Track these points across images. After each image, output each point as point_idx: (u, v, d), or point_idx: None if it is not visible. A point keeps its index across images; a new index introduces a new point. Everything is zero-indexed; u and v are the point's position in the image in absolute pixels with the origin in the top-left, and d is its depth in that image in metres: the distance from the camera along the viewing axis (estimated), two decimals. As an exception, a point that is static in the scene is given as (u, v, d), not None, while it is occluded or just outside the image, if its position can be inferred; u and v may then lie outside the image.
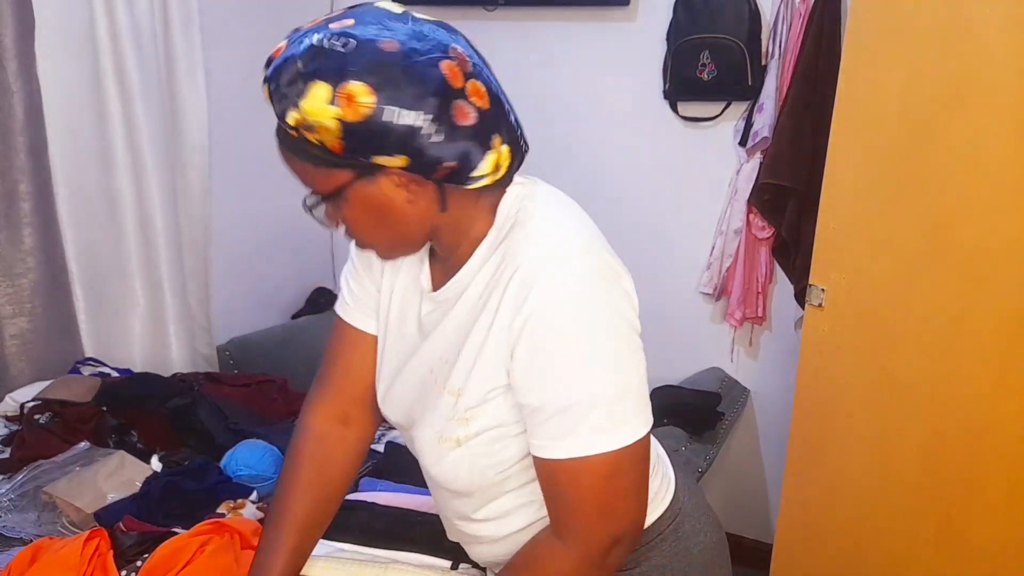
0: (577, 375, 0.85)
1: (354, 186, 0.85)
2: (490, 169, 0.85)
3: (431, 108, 0.78)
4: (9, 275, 2.17)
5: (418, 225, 0.90)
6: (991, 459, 1.75)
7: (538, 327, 0.84)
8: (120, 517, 1.49)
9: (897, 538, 1.92)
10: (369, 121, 0.78)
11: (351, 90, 0.77)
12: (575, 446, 0.85)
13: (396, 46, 0.79)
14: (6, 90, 2.09)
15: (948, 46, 1.68)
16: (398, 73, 0.78)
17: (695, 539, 1.08)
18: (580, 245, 0.88)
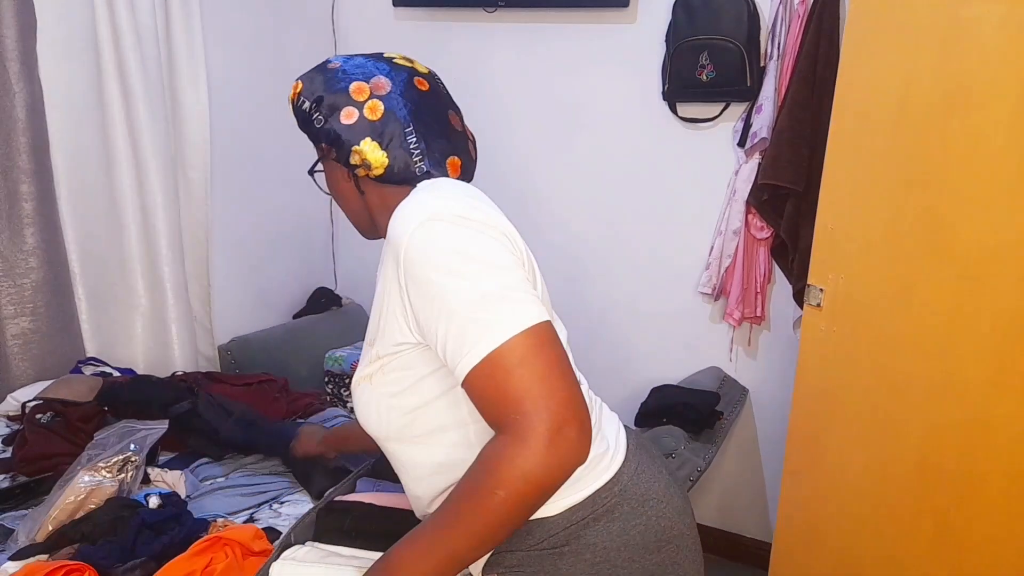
0: (451, 293, 0.95)
1: (323, 160, 1.20)
2: (358, 160, 1.10)
3: (319, 102, 1.11)
4: (11, 275, 2.17)
5: (356, 203, 1.19)
6: (988, 458, 1.76)
7: (410, 269, 0.98)
8: (100, 559, 1.42)
9: (895, 537, 1.92)
10: (294, 104, 1.15)
11: (296, 84, 1.16)
12: (475, 350, 0.93)
13: (337, 66, 1.14)
14: (8, 90, 2.10)
15: (946, 47, 1.69)
16: (319, 77, 1.13)
17: (633, 521, 1.08)
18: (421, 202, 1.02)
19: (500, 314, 0.94)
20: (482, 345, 0.93)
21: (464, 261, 0.96)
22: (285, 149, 3.03)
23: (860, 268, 1.88)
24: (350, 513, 1.35)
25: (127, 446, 1.70)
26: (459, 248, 0.97)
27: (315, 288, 3.30)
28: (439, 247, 0.97)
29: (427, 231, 0.97)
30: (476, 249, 0.97)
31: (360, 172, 1.12)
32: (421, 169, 1.11)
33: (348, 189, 1.18)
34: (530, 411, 0.91)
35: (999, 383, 1.72)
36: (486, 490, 0.92)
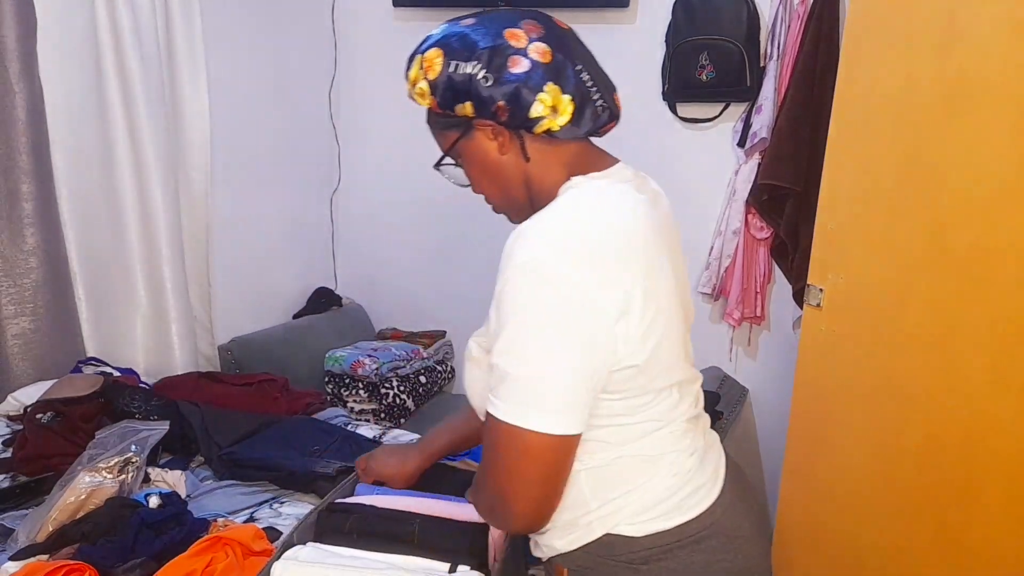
0: (499, 344, 0.95)
1: (461, 143, 1.07)
2: (546, 111, 1.00)
3: (482, 58, 0.99)
4: (11, 275, 2.17)
5: (515, 176, 1.07)
6: (989, 459, 1.76)
7: (496, 295, 0.96)
8: (100, 558, 1.42)
9: (895, 537, 1.92)
10: (440, 76, 1.01)
11: (429, 54, 1.03)
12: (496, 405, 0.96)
13: (471, 22, 1.03)
14: (8, 90, 2.10)
15: (946, 48, 1.69)
16: (460, 40, 1.01)
17: (718, 556, 1.07)
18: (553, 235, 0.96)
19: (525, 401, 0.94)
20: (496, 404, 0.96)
21: (538, 329, 0.93)
22: (286, 149, 3.05)
23: (860, 268, 1.88)
24: (351, 514, 1.35)
25: (128, 446, 1.70)
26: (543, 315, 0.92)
27: (315, 288, 3.30)
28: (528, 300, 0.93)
29: (529, 275, 0.93)
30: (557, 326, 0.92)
31: (542, 126, 1.01)
32: (602, 107, 1.05)
33: (508, 163, 1.06)
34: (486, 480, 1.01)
35: (999, 383, 1.72)
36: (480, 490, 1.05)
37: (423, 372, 3.03)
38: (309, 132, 3.18)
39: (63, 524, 1.51)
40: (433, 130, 1.11)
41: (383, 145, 3.23)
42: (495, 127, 1.04)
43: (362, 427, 2.17)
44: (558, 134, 1.03)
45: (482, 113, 1.02)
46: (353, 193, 3.33)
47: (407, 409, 2.91)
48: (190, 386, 2.25)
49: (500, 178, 1.08)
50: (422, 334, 3.24)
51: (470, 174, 1.11)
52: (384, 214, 3.30)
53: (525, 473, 0.96)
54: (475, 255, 3.16)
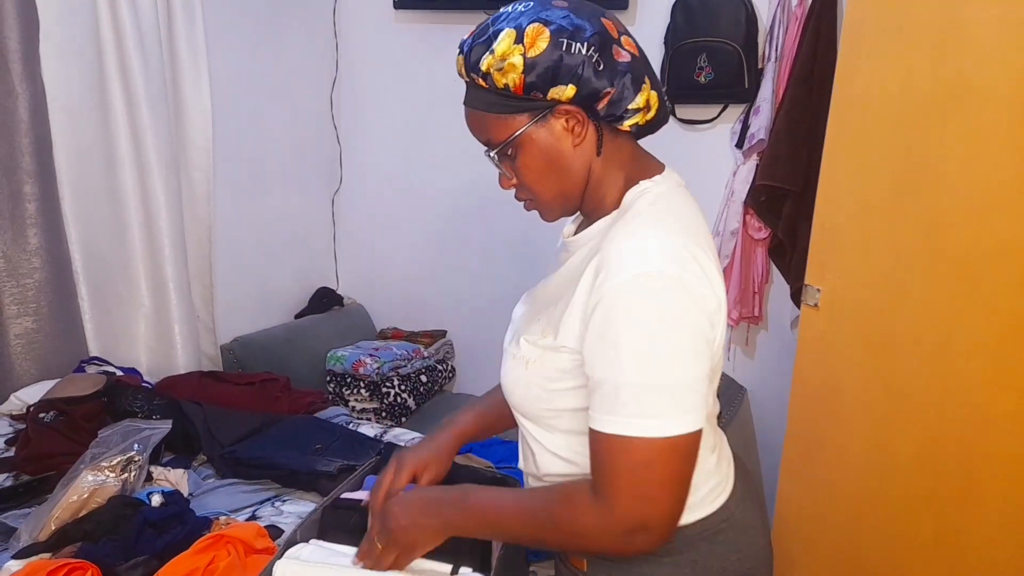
0: (627, 360, 0.92)
1: (530, 130, 1.00)
2: (642, 103, 1.00)
3: (595, 43, 0.96)
4: (15, 275, 2.19)
5: (580, 170, 1.03)
6: (986, 458, 1.77)
7: (605, 309, 0.93)
8: (102, 557, 1.42)
9: (893, 537, 1.93)
10: (545, 54, 0.95)
11: (531, 30, 0.95)
12: (615, 423, 0.93)
13: (564, 4, 0.99)
14: (11, 92, 2.11)
15: (943, 49, 1.69)
16: (567, 19, 0.96)
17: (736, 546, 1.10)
18: (658, 245, 0.95)
19: (659, 409, 0.92)
20: (626, 424, 0.93)
21: (659, 338, 0.92)
22: (288, 149, 3.06)
23: (857, 268, 1.88)
24: (356, 511, 1.36)
25: (130, 445, 1.71)
26: (664, 323, 0.92)
27: (317, 288, 3.31)
28: (649, 311, 0.92)
29: (644, 287, 0.92)
30: (677, 331, 0.93)
31: (633, 120, 1.00)
32: (666, 104, 1.05)
33: (578, 156, 1.02)
34: (627, 507, 0.94)
35: (997, 383, 1.73)
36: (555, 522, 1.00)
37: (424, 371, 3.04)
38: (311, 133, 3.19)
39: (65, 523, 1.52)
40: (489, 111, 1.01)
41: (385, 146, 3.24)
42: (580, 116, 1.00)
43: (363, 426, 2.19)
44: (642, 129, 1.03)
45: (582, 99, 0.98)
46: (355, 193, 3.34)
47: (408, 408, 2.92)
48: (192, 385, 2.26)
49: (564, 171, 1.03)
50: (423, 334, 3.26)
51: (526, 164, 1.03)
52: (385, 214, 3.31)
53: (680, 477, 0.94)
54: (476, 255, 3.17)
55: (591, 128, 1.01)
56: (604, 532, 0.96)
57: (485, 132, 1.03)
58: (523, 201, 1.10)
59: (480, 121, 1.03)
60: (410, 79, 3.13)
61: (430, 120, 3.12)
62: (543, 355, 1.04)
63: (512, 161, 1.04)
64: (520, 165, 1.03)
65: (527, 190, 1.06)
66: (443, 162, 3.13)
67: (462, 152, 3.04)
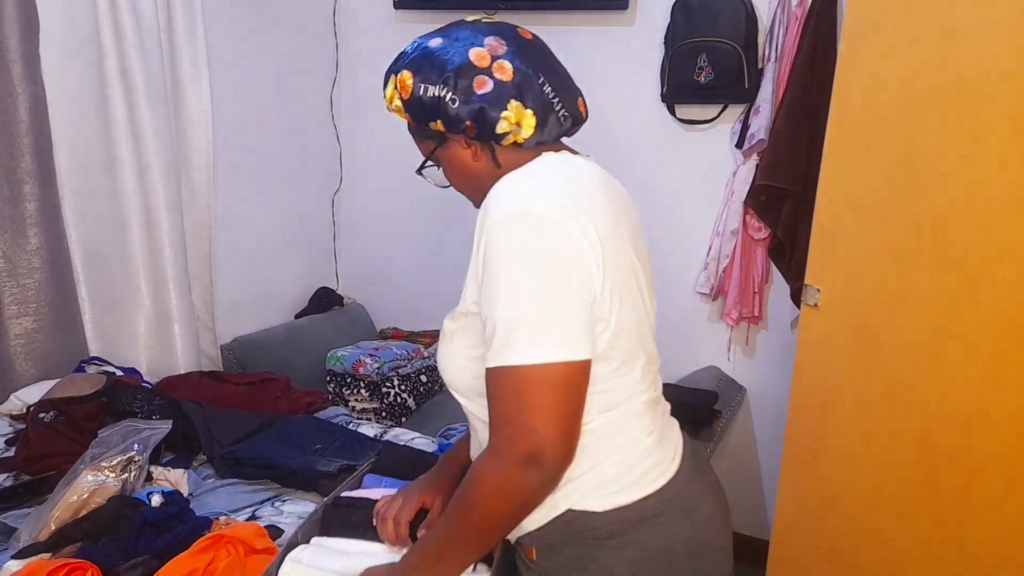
0: (497, 295, 0.99)
1: (439, 151, 1.16)
2: (510, 127, 1.08)
3: (449, 81, 1.07)
4: (15, 275, 2.19)
5: (488, 179, 1.11)
6: (986, 458, 1.77)
7: (483, 251, 1.02)
8: (102, 557, 1.42)
9: (892, 535, 1.93)
10: (413, 97, 1.10)
11: (402, 77, 1.11)
12: (490, 358, 0.99)
13: (439, 43, 1.10)
14: (11, 92, 2.11)
15: (943, 49, 1.69)
16: (429, 61, 1.09)
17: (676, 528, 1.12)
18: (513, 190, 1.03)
19: (527, 339, 0.97)
20: (505, 354, 0.98)
21: (531, 268, 0.98)
22: (288, 149, 3.06)
23: (857, 268, 1.89)
24: (358, 508, 1.37)
25: (130, 445, 1.71)
26: (533, 255, 0.98)
27: (317, 288, 3.31)
28: (518, 245, 0.99)
29: (515, 223, 1.00)
30: (548, 262, 0.99)
31: (508, 140, 1.10)
32: (564, 116, 1.11)
33: (481, 167, 1.15)
34: (510, 440, 0.98)
35: (996, 383, 1.73)
36: (469, 502, 1.04)
37: (424, 371, 3.04)
38: (311, 133, 3.19)
39: (65, 523, 1.52)
40: (414, 139, 1.20)
41: (385, 145, 3.24)
42: (464, 141, 1.13)
43: (363, 426, 2.19)
44: (524, 145, 1.11)
45: (452, 129, 1.10)
46: (355, 193, 3.34)
47: (408, 408, 2.92)
48: (192, 385, 2.26)
49: (476, 181, 1.16)
50: (423, 333, 3.25)
51: (448, 175, 1.20)
52: (386, 214, 3.31)
53: (557, 405, 0.97)
54: (475, 255, 3.17)
55: (480, 147, 1.13)
56: (500, 477, 0.99)
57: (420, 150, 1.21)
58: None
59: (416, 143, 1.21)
60: (410, 79, 3.12)
61: (430, 120, 3.11)
62: (461, 327, 1.10)
63: (421, 171, 1.23)
64: (446, 175, 1.20)
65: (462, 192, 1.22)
66: (443, 162, 3.12)
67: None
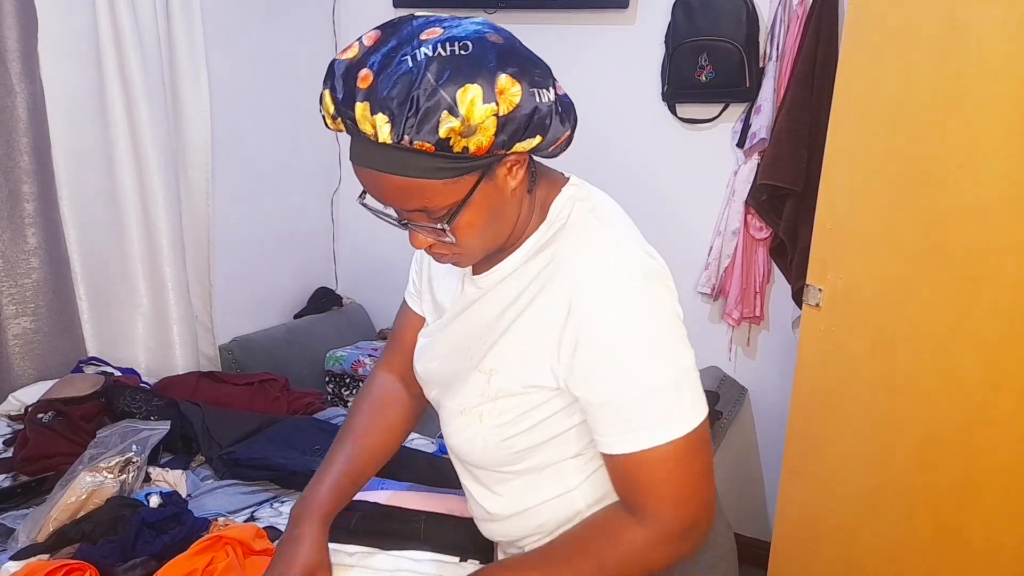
0: (637, 371, 0.90)
1: (481, 186, 0.86)
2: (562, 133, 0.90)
3: (554, 84, 0.86)
4: (12, 275, 2.18)
5: (515, 212, 0.94)
6: (987, 458, 1.77)
7: (595, 330, 0.89)
8: (101, 558, 1.41)
9: (894, 536, 1.93)
10: (519, 108, 0.81)
11: (501, 84, 0.79)
12: (643, 439, 0.90)
13: (499, 39, 0.83)
14: (9, 91, 2.10)
15: (945, 48, 1.69)
16: (523, 60, 0.83)
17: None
18: (626, 250, 0.93)
19: (674, 409, 0.91)
20: (651, 435, 0.90)
21: (653, 340, 0.91)
22: (286, 149, 3.05)
23: (859, 268, 1.88)
24: (356, 511, 1.36)
25: (129, 446, 1.71)
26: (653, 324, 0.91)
27: (316, 288, 3.31)
28: (636, 318, 0.90)
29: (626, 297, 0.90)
30: (665, 327, 0.92)
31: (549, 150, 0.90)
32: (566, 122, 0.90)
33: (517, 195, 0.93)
34: (674, 512, 0.93)
35: (997, 383, 1.73)
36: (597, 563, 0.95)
37: (423, 372, 3.03)
38: (310, 132, 3.17)
39: (64, 524, 1.51)
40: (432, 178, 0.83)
41: (383, 145, 3.23)
42: (523, 159, 0.90)
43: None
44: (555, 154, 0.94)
45: (543, 146, 0.87)
46: (354, 193, 3.30)
47: (407, 409, 2.91)
48: (191, 386, 2.26)
49: (503, 219, 0.93)
50: (422, 334, 3.25)
51: (469, 223, 0.89)
52: (384, 214, 3.30)
53: (710, 464, 0.95)
54: (475, 255, 3.17)
55: (527, 165, 0.92)
56: (659, 545, 0.94)
57: (417, 200, 0.85)
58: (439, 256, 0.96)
59: (407, 189, 0.84)
60: (410, 78, 3.11)
61: (430, 120, 3.11)
62: (495, 403, 0.97)
63: (447, 223, 0.87)
64: (461, 225, 0.88)
65: (458, 247, 0.92)
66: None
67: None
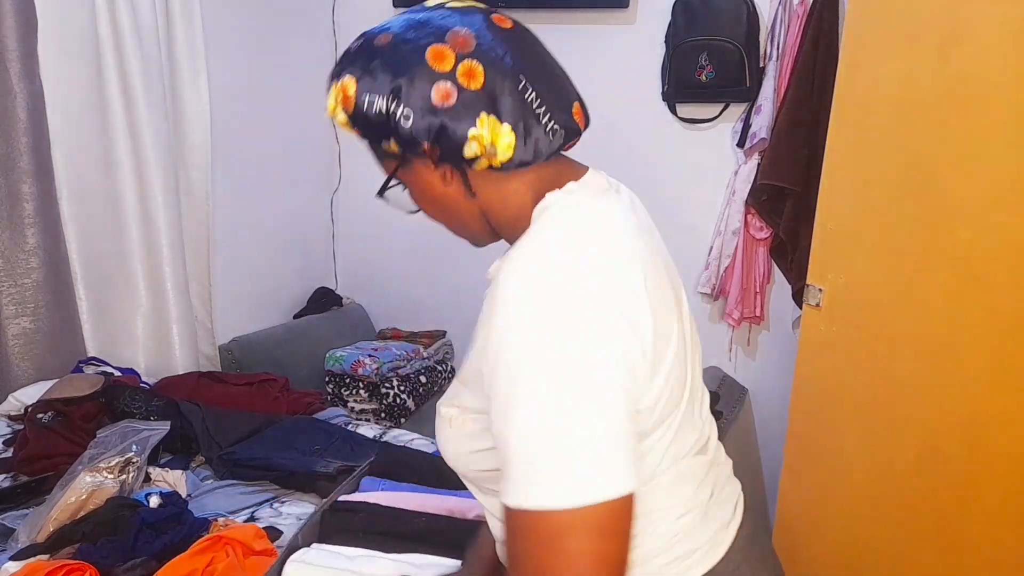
0: (512, 413, 0.75)
1: (401, 172, 0.90)
2: (480, 149, 0.82)
3: (398, 92, 0.81)
4: (12, 275, 2.18)
5: (465, 208, 0.90)
6: (987, 458, 1.76)
7: (494, 353, 0.77)
8: (101, 558, 1.42)
9: (894, 537, 1.93)
10: (357, 111, 0.83)
11: (343, 85, 0.84)
12: (508, 493, 0.75)
13: (388, 39, 0.85)
14: (9, 91, 2.10)
15: (945, 48, 1.69)
16: (377, 64, 0.83)
17: None
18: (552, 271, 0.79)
19: (568, 471, 0.73)
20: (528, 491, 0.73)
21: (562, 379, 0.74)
22: (286, 149, 3.05)
23: (859, 268, 1.88)
24: (357, 513, 1.36)
25: (129, 446, 1.71)
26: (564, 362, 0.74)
27: (316, 288, 3.31)
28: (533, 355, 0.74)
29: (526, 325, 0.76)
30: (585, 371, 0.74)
31: (481, 164, 0.83)
32: (553, 129, 0.84)
33: (452, 195, 0.89)
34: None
35: (998, 383, 1.73)
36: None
37: (423, 372, 3.03)
38: (310, 132, 3.18)
39: (64, 524, 1.51)
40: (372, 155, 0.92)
41: (383, 145, 3.23)
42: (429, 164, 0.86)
43: (362, 427, 2.18)
44: (502, 169, 0.85)
45: (410, 151, 0.84)
46: (353, 193, 3.33)
47: (407, 409, 2.91)
48: (191, 386, 2.26)
49: (451, 210, 0.92)
50: (422, 334, 3.25)
51: (418, 203, 0.95)
52: (385, 214, 3.28)
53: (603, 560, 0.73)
54: (475, 255, 3.15)
55: (450, 170, 0.87)
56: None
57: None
58: None
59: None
60: (409, 78, 3.11)
61: (429, 119, 3.11)
62: (462, 414, 0.90)
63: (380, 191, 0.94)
64: (413, 200, 0.95)
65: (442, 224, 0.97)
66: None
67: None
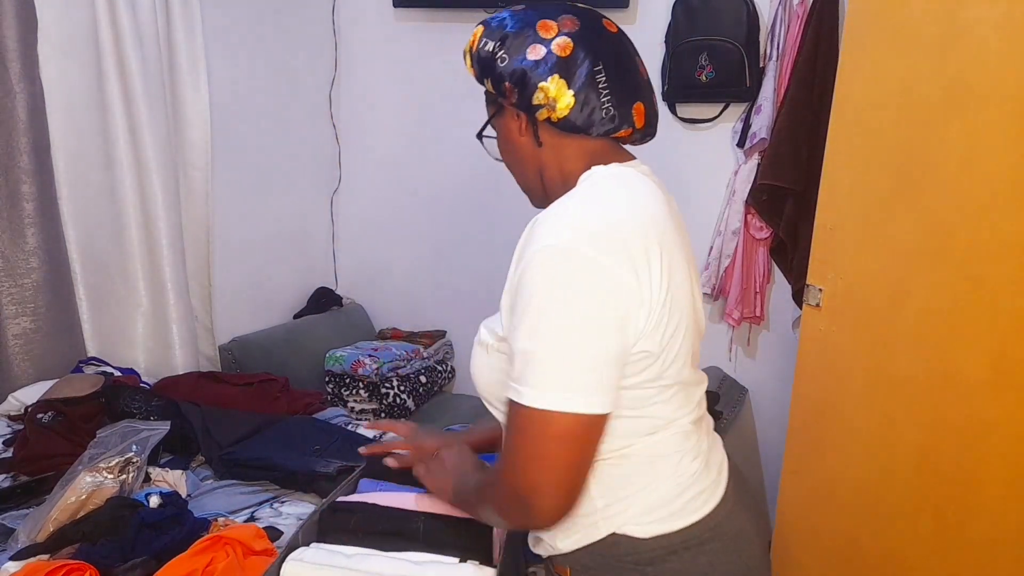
0: (522, 324, 0.95)
1: (495, 119, 1.15)
2: (544, 100, 1.04)
3: (505, 40, 1.06)
4: (12, 275, 2.18)
5: (530, 159, 1.13)
6: (987, 457, 1.76)
7: (517, 281, 0.97)
8: (100, 558, 1.42)
9: (894, 536, 1.93)
10: (476, 50, 1.09)
11: (477, 30, 1.11)
12: (517, 390, 0.95)
13: (522, 8, 1.09)
14: (9, 91, 2.10)
15: (945, 48, 1.69)
16: (499, 21, 1.09)
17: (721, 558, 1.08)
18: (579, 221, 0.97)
19: (549, 379, 0.93)
20: (519, 389, 0.94)
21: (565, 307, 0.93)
22: (286, 149, 3.05)
23: (859, 268, 1.88)
24: (355, 513, 1.35)
25: (129, 446, 1.71)
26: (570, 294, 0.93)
27: (316, 288, 3.31)
28: (559, 281, 0.93)
29: (559, 259, 0.94)
30: (585, 305, 0.93)
31: (542, 114, 1.06)
32: (608, 112, 1.05)
33: (525, 144, 1.11)
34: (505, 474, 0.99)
35: (998, 383, 1.73)
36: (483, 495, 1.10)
37: (423, 372, 3.03)
38: (310, 132, 3.18)
39: (64, 524, 1.51)
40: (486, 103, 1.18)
41: (384, 145, 3.23)
42: (516, 108, 1.09)
43: (362, 427, 2.18)
44: (558, 125, 1.06)
45: (497, 90, 1.08)
46: (354, 193, 3.34)
47: (407, 409, 2.91)
48: (191, 386, 2.26)
49: (518, 158, 1.14)
50: (422, 334, 3.25)
51: (500, 150, 1.17)
52: (384, 214, 3.31)
53: (557, 459, 0.94)
54: (475, 255, 3.17)
55: (526, 120, 1.09)
56: (500, 496, 1.02)
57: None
58: None
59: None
60: (410, 78, 3.12)
61: (429, 119, 3.11)
62: (497, 343, 1.06)
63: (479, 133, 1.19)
64: (499, 147, 1.18)
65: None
66: (442, 161, 3.12)
67: (462, 151, 3.04)
